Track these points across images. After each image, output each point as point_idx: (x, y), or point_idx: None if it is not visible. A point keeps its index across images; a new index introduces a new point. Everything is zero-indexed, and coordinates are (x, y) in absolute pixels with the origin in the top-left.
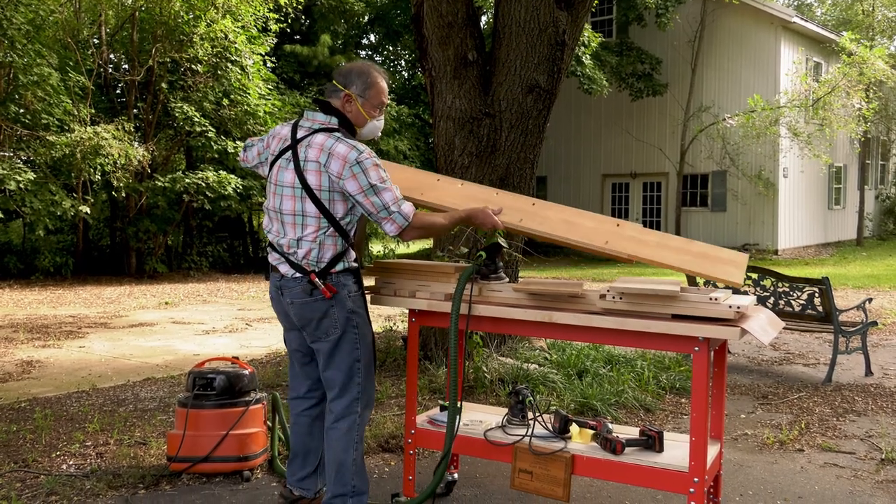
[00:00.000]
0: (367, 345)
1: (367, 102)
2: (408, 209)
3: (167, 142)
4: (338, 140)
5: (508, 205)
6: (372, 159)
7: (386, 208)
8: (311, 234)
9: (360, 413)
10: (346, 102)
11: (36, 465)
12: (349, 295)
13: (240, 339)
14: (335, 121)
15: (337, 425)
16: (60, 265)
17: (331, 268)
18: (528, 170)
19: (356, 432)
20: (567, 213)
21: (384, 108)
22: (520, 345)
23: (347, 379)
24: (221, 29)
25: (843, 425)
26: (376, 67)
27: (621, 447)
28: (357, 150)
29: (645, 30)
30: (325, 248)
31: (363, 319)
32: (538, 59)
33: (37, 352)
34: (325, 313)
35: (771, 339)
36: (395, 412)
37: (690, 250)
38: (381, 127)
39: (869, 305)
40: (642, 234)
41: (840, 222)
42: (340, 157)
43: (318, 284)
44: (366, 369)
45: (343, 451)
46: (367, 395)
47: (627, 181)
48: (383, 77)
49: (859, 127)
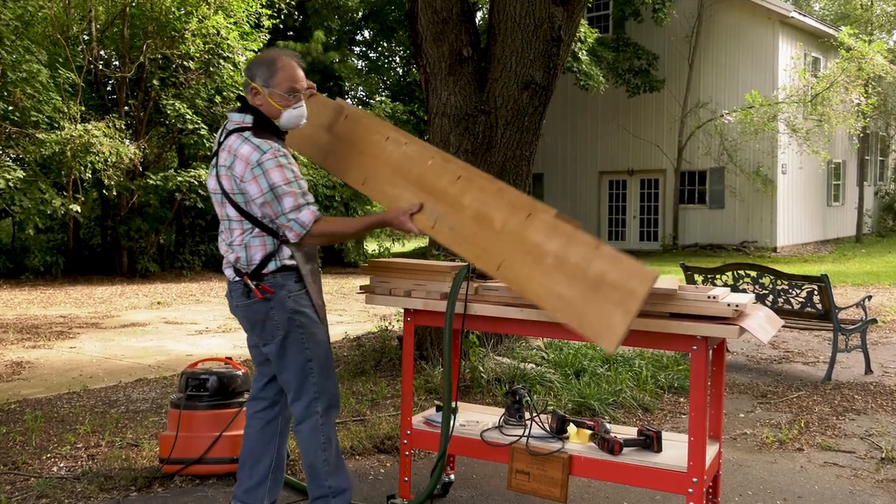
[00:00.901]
0: (317, 343)
1: (274, 91)
2: (306, 217)
3: (159, 139)
4: (244, 141)
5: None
6: (275, 159)
7: (284, 215)
8: (237, 238)
9: (321, 413)
10: (254, 96)
11: (26, 468)
12: (289, 294)
13: (233, 339)
14: (249, 119)
15: (299, 428)
16: (51, 264)
17: (262, 268)
18: (524, 167)
19: (321, 433)
20: (487, 195)
21: (300, 94)
22: (516, 344)
23: (301, 380)
24: (213, 25)
25: (843, 424)
26: (286, 52)
27: (619, 447)
28: (260, 151)
29: (642, 25)
30: (252, 250)
31: (309, 318)
32: (534, 56)
33: (27, 352)
34: (266, 315)
35: (770, 337)
36: (391, 413)
37: (586, 275)
38: (300, 115)
39: (868, 303)
40: (547, 240)
41: (839, 219)
42: (243, 159)
43: (251, 286)
44: (320, 369)
45: (312, 454)
46: (326, 394)
47: (625, 178)
48: (292, 60)
49: (858, 122)
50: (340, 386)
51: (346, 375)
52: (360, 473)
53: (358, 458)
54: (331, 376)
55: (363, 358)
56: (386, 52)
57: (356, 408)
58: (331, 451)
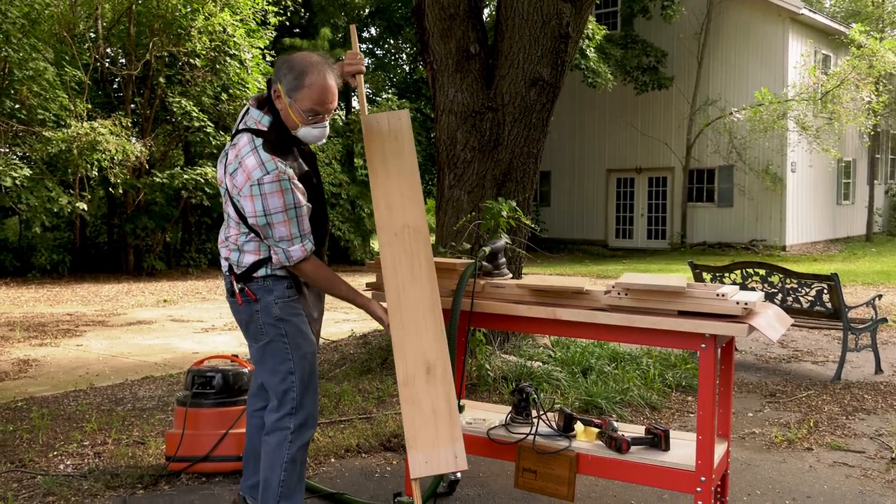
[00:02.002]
0: (301, 357)
1: (295, 105)
2: (296, 253)
3: (165, 137)
4: (252, 150)
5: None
6: (276, 184)
7: (272, 238)
8: (233, 237)
9: (292, 430)
10: (276, 98)
11: (33, 466)
12: (275, 301)
13: (239, 336)
14: (266, 121)
15: (266, 438)
16: (57, 262)
17: (253, 272)
18: (531, 164)
19: (287, 451)
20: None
21: (323, 116)
22: (523, 342)
23: (282, 391)
24: (220, 22)
25: (853, 424)
26: (320, 64)
27: (627, 446)
28: (263, 170)
29: (650, 22)
30: (244, 254)
31: (296, 329)
32: (541, 52)
33: (34, 350)
34: (250, 318)
35: (779, 335)
36: (397, 410)
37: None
38: (319, 136)
39: (879, 302)
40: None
41: (849, 218)
42: (245, 172)
43: (236, 289)
44: (302, 384)
45: (270, 468)
46: (303, 413)
47: (633, 176)
48: (326, 77)
49: (869, 120)
50: (347, 383)
51: (352, 373)
52: (366, 471)
53: (364, 455)
54: (311, 393)
55: (369, 356)
56: (392, 49)
57: (362, 406)
58: (292, 474)
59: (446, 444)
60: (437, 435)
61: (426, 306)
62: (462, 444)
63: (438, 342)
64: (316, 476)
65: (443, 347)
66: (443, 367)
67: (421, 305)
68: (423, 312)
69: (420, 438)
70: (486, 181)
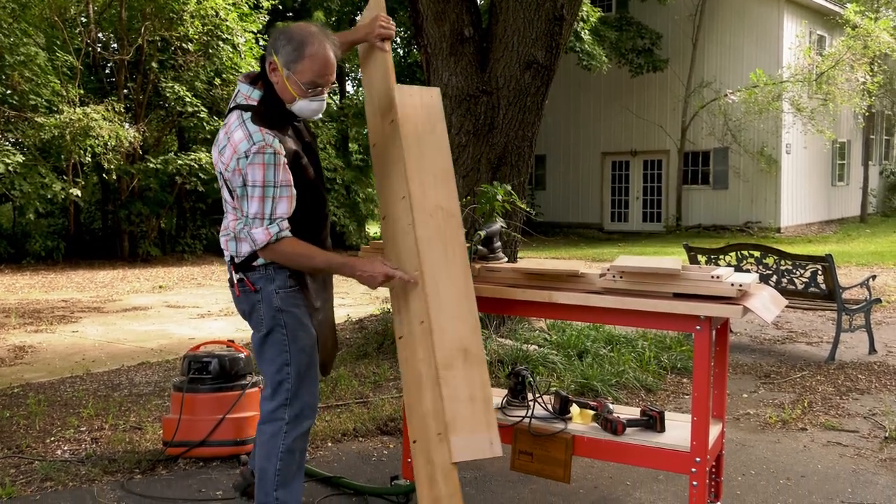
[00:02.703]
0: (299, 349)
1: (293, 77)
2: (259, 236)
3: (158, 122)
4: (240, 124)
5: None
6: (261, 154)
7: (246, 217)
8: (231, 224)
9: (287, 421)
10: (271, 71)
11: (30, 451)
12: (276, 291)
13: (235, 322)
14: (256, 94)
15: (262, 428)
16: (52, 249)
17: (252, 261)
18: (526, 148)
19: (282, 441)
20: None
21: (323, 89)
22: (519, 326)
23: (277, 381)
24: (212, 6)
25: (847, 404)
26: (321, 35)
27: (622, 427)
28: (249, 141)
29: (645, 4)
30: (241, 242)
31: (296, 321)
32: (536, 35)
33: (29, 337)
34: (252, 308)
35: (773, 317)
36: (394, 395)
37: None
38: (317, 108)
39: (872, 283)
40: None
41: (844, 199)
42: (232, 146)
43: (234, 279)
44: (298, 376)
45: (266, 458)
46: (298, 403)
47: (628, 159)
48: (326, 47)
49: (863, 101)
50: (343, 368)
51: (348, 358)
52: (363, 455)
53: (361, 439)
54: (308, 385)
55: (366, 340)
56: None
57: (359, 390)
58: (290, 463)
59: (482, 430)
60: (473, 420)
61: (461, 291)
62: (497, 430)
63: (474, 328)
64: (313, 460)
65: (477, 334)
66: (477, 353)
67: (455, 290)
68: (458, 298)
69: (458, 424)
70: (480, 165)
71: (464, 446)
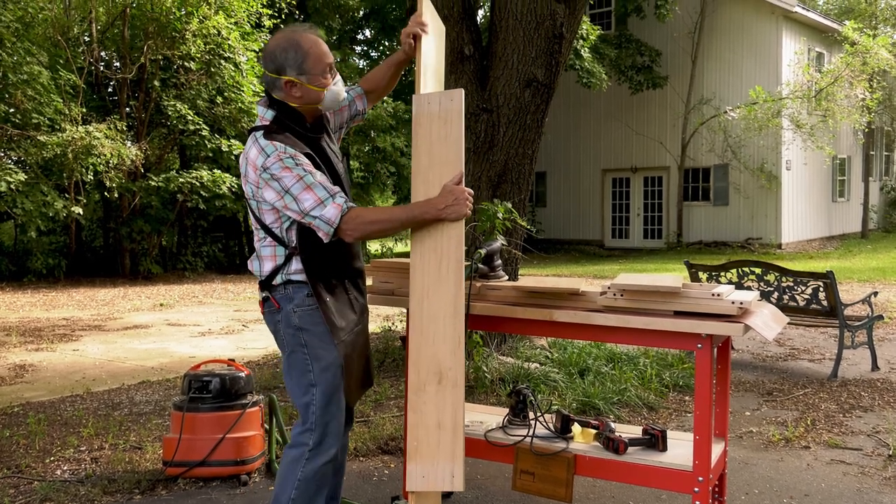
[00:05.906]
0: (323, 369)
1: (311, 76)
2: (330, 213)
3: (160, 140)
4: (254, 142)
5: None
6: (279, 162)
7: (308, 214)
8: (257, 245)
9: (310, 447)
10: (290, 91)
11: (29, 471)
12: (294, 310)
13: (236, 340)
14: (269, 115)
15: (287, 451)
16: (53, 267)
17: (272, 279)
18: (526, 165)
19: (301, 468)
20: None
21: (333, 69)
22: (520, 344)
23: (304, 405)
24: (214, 25)
25: (850, 421)
26: (299, 30)
27: (624, 447)
28: (264, 155)
29: (644, 21)
30: (263, 260)
31: (318, 339)
32: (536, 53)
33: (30, 355)
34: (275, 328)
35: (775, 334)
36: (395, 413)
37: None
38: (340, 91)
39: (874, 299)
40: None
41: (844, 215)
42: (252, 165)
43: (260, 297)
44: (323, 399)
45: (282, 484)
46: (322, 429)
47: (628, 176)
48: (313, 34)
49: (863, 117)
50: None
51: None
52: (364, 474)
53: (362, 459)
54: (333, 409)
55: None
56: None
57: (360, 409)
58: (304, 493)
59: (446, 460)
60: (437, 450)
61: (449, 311)
62: (462, 463)
63: (456, 351)
64: None
65: (459, 357)
66: (454, 378)
67: (443, 310)
68: (445, 318)
69: (420, 451)
70: (481, 182)
71: (420, 475)
